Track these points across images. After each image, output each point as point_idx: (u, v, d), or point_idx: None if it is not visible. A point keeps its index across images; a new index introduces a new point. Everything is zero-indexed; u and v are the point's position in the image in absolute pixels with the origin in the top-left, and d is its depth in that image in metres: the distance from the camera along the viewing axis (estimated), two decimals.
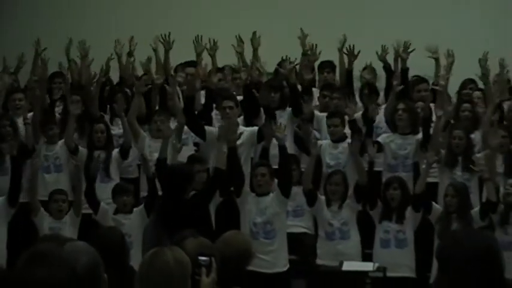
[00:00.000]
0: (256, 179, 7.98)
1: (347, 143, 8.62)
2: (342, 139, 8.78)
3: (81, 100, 9.23)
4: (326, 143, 8.83)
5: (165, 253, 3.53)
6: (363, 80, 9.78)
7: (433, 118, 8.80)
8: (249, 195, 8.02)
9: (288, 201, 8.06)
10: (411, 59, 9.47)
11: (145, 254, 3.63)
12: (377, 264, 7.82)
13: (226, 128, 8.00)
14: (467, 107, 9.04)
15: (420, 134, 8.68)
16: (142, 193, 8.64)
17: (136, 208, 8.17)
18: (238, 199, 8.02)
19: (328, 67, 9.99)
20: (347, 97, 8.97)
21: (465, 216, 7.87)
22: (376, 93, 9.51)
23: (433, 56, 9.68)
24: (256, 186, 7.99)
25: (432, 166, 8.22)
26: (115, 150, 8.96)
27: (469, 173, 8.36)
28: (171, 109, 9.09)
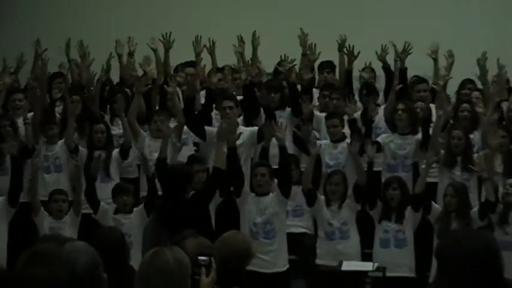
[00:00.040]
0: (256, 179, 7.98)
1: (346, 143, 8.63)
2: (342, 139, 8.79)
3: (80, 100, 9.26)
4: (325, 143, 8.83)
5: (165, 253, 3.54)
6: (362, 80, 9.78)
7: (433, 118, 8.80)
8: (249, 195, 8.02)
9: (288, 201, 8.07)
10: (411, 59, 9.46)
11: (145, 254, 3.63)
12: (376, 264, 7.82)
13: (226, 128, 8.00)
14: (466, 107, 9.05)
15: (420, 134, 8.68)
16: (142, 193, 8.63)
17: (136, 208, 8.18)
18: (238, 199, 8.02)
19: (328, 67, 9.99)
20: (346, 97, 8.98)
21: (464, 216, 7.88)
22: (375, 93, 9.51)
23: (432, 56, 9.68)
24: (256, 186, 7.99)
25: (432, 166, 8.23)
26: (115, 150, 8.97)
27: (468, 173, 8.37)
28: (171, 109, 9.08)
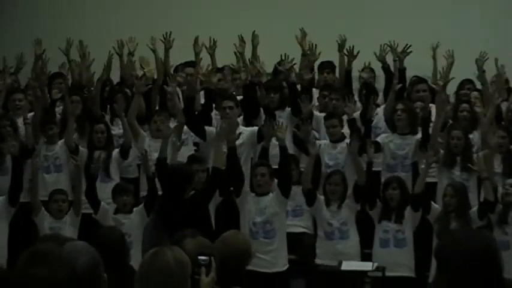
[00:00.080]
0: (256, 179, 7.99)
1: (346, 143, 8.63)
2: (341, 139, 8.79)
3: (80, 100, 9.27)
4: (325, 143, 8.83)
5: (165, 253, 3.54)
6: (361, 80, 9.78)
7: (432, 118, 8.80)
8: (249, 195, 8.02)
9: (288, 201, 8.07)
10: (411, 59, 9.46)
11: (145, 254, 3.63)
12: (376, 263, 7.82)
13: (226, 128, 8.00)
14: (465, 107, 9.05)
15: (419, 134, 8.68)
16: (142, 193, 8.64)
17: (136, 208, 8.18)
18: (237, 199, 8.03)
19: (328, 67, 9.98)
20: (346, 97, 8.98)
21: (464, 216, 7.88)
22: (374, 93, 9.51)
23: (432, 56, 9.68)
24: (256, 186, 8.00)
25: (431, 166, 8.23)
26: (115, 150, 8.97)
27: (468, 173, 8.37)
28: (171, 109, 9.09)
